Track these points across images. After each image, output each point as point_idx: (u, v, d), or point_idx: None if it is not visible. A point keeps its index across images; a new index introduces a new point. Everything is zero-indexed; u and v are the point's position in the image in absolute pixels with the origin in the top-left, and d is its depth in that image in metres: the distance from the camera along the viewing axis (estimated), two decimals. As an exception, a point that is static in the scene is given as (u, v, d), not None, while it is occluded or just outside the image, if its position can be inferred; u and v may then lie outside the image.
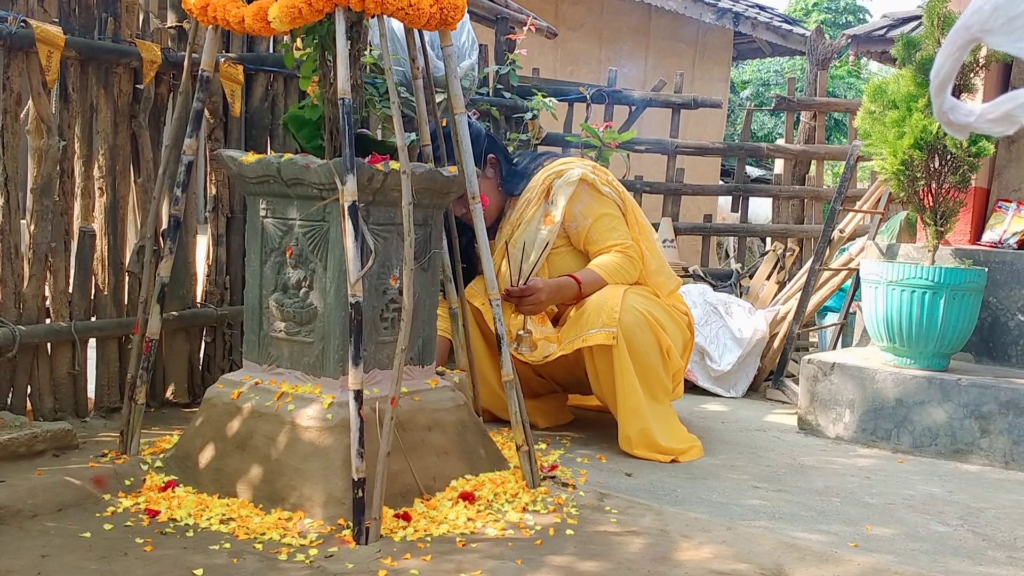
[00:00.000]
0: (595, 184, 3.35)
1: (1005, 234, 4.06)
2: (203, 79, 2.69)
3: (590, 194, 3.34)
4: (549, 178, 3.37)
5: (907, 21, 8.01)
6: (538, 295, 3.17)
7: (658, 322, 3.24)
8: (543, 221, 3.34)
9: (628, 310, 3.16)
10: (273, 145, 3.60)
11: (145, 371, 2.71)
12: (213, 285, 3.48)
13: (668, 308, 3.38)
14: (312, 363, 2.56)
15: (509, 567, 2.12)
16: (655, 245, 3.46)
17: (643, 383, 3.19)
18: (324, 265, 2.52)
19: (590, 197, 3.34)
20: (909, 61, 3.56)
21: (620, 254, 3.32)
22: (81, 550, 2.11)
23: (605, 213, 3.35)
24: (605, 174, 3.43)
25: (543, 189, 3.36)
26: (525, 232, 3.36)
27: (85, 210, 3.11)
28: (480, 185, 3.09)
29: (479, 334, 3.40)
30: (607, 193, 3.36)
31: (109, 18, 3.07)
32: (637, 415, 3.16)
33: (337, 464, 2.36)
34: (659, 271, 3.41)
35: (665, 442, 3.17)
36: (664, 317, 3.30)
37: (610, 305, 3.16)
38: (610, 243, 3.34)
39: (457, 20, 2.57)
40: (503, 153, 3.51)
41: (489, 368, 3.41)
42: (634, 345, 3.16)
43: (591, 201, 3.34)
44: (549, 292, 3.21)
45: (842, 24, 18.51)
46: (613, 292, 3.22)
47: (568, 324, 3.29)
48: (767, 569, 2.19)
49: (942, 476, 3.20)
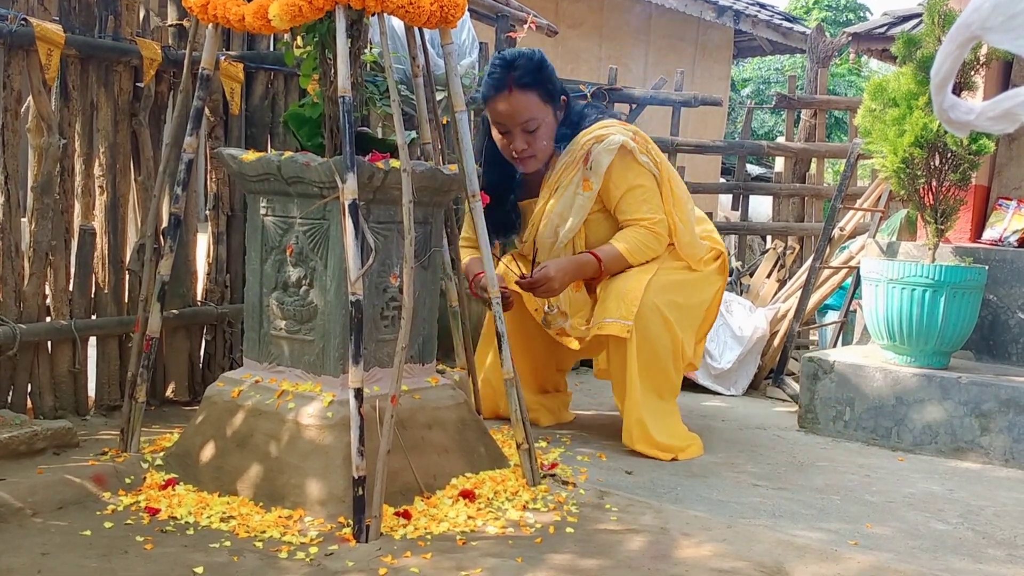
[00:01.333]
0: (634, 153, 3.20)
1: (1005, 232, 4.06)
2: (203, 77, 2.69)
3: (627, 163, 3.20)
4: (589, 142, 3.21)
5: (908, 19, 8.01)
6: (550, 283, 3.12)
7: (676, 319, 3.19)
8: (581, 186, 3.21)
9: (647, 305, 3.12)
10: (273, 143, 3.60)
11: (145, 369, 2.71)
12: (213, 283, 3.48)
13: (691, 286, 3.29)
14: (312, 361, 2.56)
15: (509, 565, 2.12)
16: (689, 216, 3.32)
17: (651, 380, 3.18)
18: (324, 263, 2.52)
19: (626, 166, 3.20)
20: (910, 59, 3.56)
21: (645, 230, 3.21)
22: (81, 548, 2.11)
23: (638, 184, 3.22)
24: (645, 141, 3.27)
25: (583, 153, 3.21)
26: (563, 197, 3.23)
27: (85, 208, 3.11)
28: (542, 126, 3.15)
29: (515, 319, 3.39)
30: (644, 163, 3.21)
31: (109, 16, 3.07)
32: (641, 411, 3.15)
33: (337, 462, 2.36)
34: (691, 243, 3.31)
35: (665, 439, 3.17)
36: (683, 306, 3.24)
37: (631, 296, 3.12)
38: (638, 216, 3.22)
39: (457, 18, 2.57)
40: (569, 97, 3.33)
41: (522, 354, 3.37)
42: (648, 341, 3.13)
43: (626, 170, 3.21)
44: (563, 274, 3.15)
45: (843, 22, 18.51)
46: (637, 280, 3.16)
47: (596, 306, 3.25)
48: (767, 567, 2.19)
49: (942, 474, 3.20)
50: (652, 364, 3.17)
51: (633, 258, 3.21)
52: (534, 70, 3.17)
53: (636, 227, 3.22)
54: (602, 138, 3.19)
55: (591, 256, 3.21)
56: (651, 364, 3.17)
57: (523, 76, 3.15)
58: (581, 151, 3.21)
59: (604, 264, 3.21)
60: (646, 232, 3.22)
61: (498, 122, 3.21)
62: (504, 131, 3.22)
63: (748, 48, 12.31)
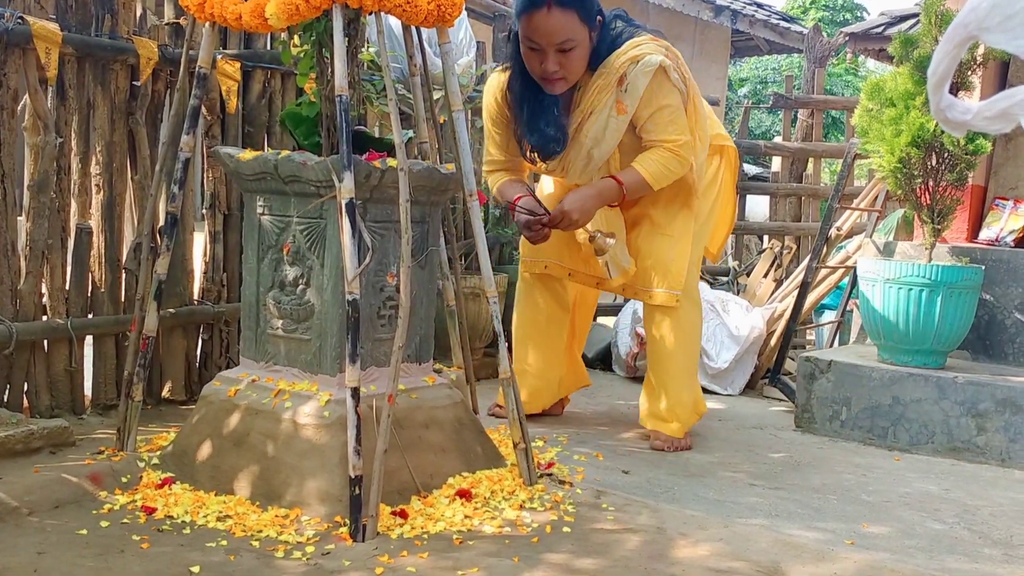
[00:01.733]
0: (667, 71, 3.07)
1: (1002, 232, 4.07)
2: (200, 76, 2.68)
3: (660, 83, 3.07)
4: (625, 64, 3.04)
5: (905, 19, 8.02)
6: (568, 217, 3.07)
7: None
8: (615, 109, 3.08)
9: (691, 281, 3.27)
10: (270, 142, 3.59)
11: (142, 368, 2.71)
12: (210, 282, 3.47)
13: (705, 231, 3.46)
14: (309, 360, 2.56)
15: (506, 564, 2.12)
16: (707, 129, 3.29)
17: (690, 354, 3.33)
18: (321, 262, 2.52)
19: (659, 86, 3.07)
20: (907, 59, 3.56)
21: (670, 153, 3.11)
22: (78, 547, 2.10)
23: (668, 104, 3.10)
24: (676, 57, 3.14)
25: (618, 75, 3.05)
26: (597, 121, 3.10)
27: (82, 207, 3.11)
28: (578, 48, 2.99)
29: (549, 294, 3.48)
30: (675, 80, 3.09)
31: (106, 14, 3.07)
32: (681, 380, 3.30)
33: (334, 461, 2.36)
34: (703, 166, 3.30)
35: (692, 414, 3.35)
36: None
37: (676, 268, 3.21)
38: (664, 137, 3.11)
39: (454, 17, 2.57)
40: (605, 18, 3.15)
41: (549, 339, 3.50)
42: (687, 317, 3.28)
43: (658, 90, 3.08)
44: (582, 205, 3.09)
45: (840, 22, 18.52)
46: (680, 255, 3.24)
47: (637, 274, 3.29)
48: (763, 567, 2.19)
49: (938, 474, 3.21)
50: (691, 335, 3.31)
51: (656, 182, 3.13)
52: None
53: (660, 149, 3.12)
54: (638, 59, 3.04)
55: (613, 181, 3.14)
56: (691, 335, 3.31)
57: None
58: (616, 73, 3.06)
59: (626, 189, 3.13)
60: (670, 156, 3.12)
61: (531, 40, 3.00)
62: (535, 49, 3.01)
63: (745, 48, 12.32)
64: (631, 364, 4.50)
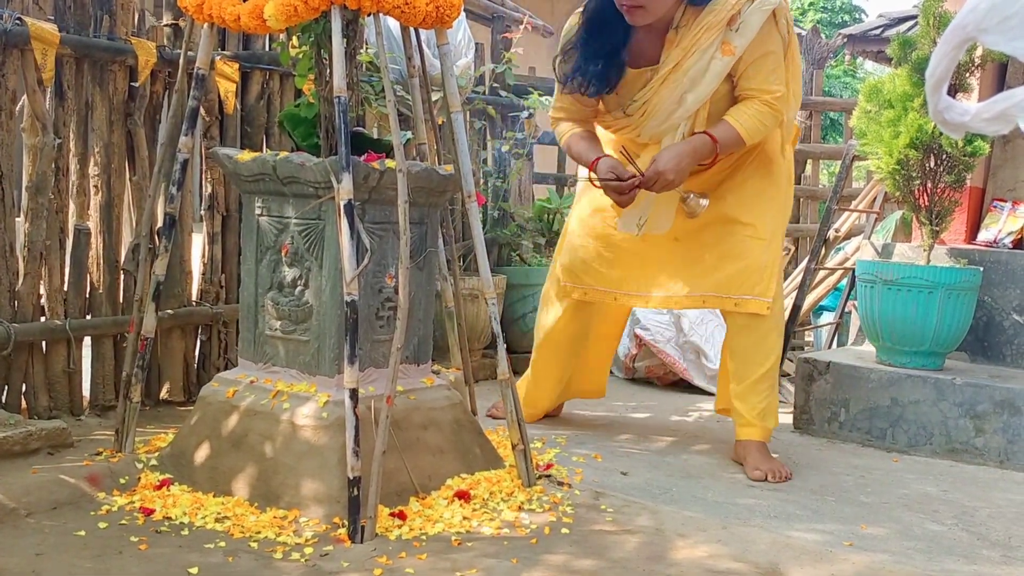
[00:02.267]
0: (779, 16, 2.87)
1: (1000, 234, 4.07)
2: (199, 77, 2.68)
3: (770, 27, 2.87)
4: (740, 1, 2.81)
5: (903, 20, 8.04)
6: (663, 177, 2.86)
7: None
8: (720, 50, 2.82)
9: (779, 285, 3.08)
10: (269, 143, 3.59)
11: (140, 369, 2.71)
12: (208, 283, 3.47)
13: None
14: (308, 361, 2.56)
15: (505, 566, 2.12)
16: (800, 85, 3.10)
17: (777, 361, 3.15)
18: (320, 263, 2.52)
19: (769, 31, 2.86)
20: (905, 60, 3.57)
21: (767, 107, 2.90)
22: (76, 549, 2.10)
23: (770, 51, 2.88)
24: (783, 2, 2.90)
25: (730, 14, 2.81)
26: (697, 61, 2.85)
27: (80, 208, 3.10)
28: None
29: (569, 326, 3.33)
30: (782, 27, 2.90)
31: (104, 16, 3.07)
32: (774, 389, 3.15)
33: (332, 463, 2.36)
34: (791, 121, 3.13)
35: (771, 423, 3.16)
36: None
37: (769, 272, 3.00)
38: (764, 87, 2.89)
39: (453, 18, 2.57)
40: None
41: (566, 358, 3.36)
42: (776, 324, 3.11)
43: (768, 35, 2.87)
44: (678, 164, 2.87)
45: (838, 23, 18.53)
46: (773, 255, 3.03)
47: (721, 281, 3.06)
48: (762, 568, 2.19)
49: (937, 475, 3.21)
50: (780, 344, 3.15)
51: (750, 137, 2.92)
52: None
53: (755, 101, 2.90)
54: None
55: (706, 137, 2.90)
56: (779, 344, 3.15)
57: None
58: (729, 11, 2.81)
59: (720, 146, 2.91)
60: (767, 110, 2.90)
61: None
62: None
63: (744, 49, 12.30)
64: (629, 366, 4.50)
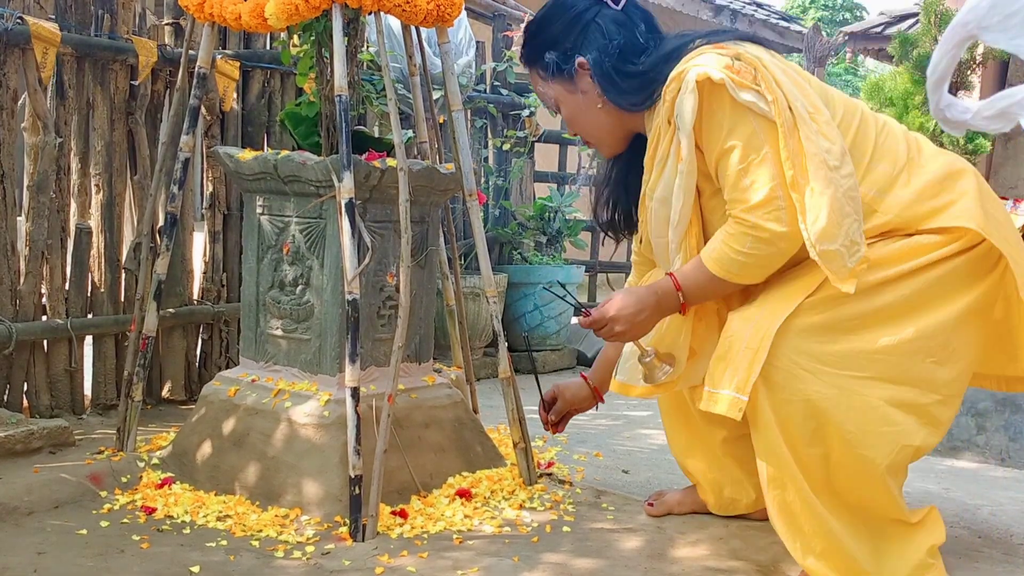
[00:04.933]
0: (727, 88, 1.94)
1: (1002, 231, 4.07)
2: (200, 76, 2.69)
3: (719, 108, 1.97)
4: (672, 88, 2.02)
5: (904, 18, 8.02)
6: (611, 325, 2.12)
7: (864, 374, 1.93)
8: (676, 155, 2.06)
9: (784, 365, 1.92)
10: (270, 142, 3.60)
11: (142, 368, 2.71)
12: (210, 282, 3.47)
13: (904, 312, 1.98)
14: (309, 360, 2.56)
15: (506, 564, 2.12)
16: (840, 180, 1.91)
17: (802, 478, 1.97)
18: (321, 262, 2.52)
19: (717, 113, 1.98)
20: (906, 58, 3.57)
21: (738, 224, 1.97)
22: (77, 547, 2.10)
23: (734, 144, 1.96)
24: (753, 66, 1.97)
25: (667, 109, 2.04)
26: (662, 176, 2.11)
27: (82, 207, 3.11)
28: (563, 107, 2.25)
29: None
30: (747, 102, 1.93)
31: (105, 15, 3.07)
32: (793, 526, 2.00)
33: (334, 461, 2.36)
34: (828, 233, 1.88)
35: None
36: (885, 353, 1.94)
37: (751, 348, 1.94)
38: (733, 196, 1.99)
39: (454, 17, 2.57)
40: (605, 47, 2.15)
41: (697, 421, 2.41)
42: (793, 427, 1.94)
43: (719, 120, 1.98)
44: (634, 315, 2.10)
45: (839, 21, 18.54)
46: (765, 320, 1.96)
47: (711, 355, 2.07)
48: (763, 566, 2.19)
49: (938, 473, 3.21)
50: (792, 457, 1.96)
51: (728, 273, 2.02)
52: (527, 39, 2.29)
53: (731, 221, 2.01)
54: (683, 75, 2.00)
55: (668, 279, 2.11)
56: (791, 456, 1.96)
57: (523, 48, 2.31)
58: (667, 105, 2.05)
59: (685, 291, 2.09)
60: (739, 230, 1.98)
61: None
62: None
63: (745, 47, 12.31)
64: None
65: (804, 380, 1.91)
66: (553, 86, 2.24)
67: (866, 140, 2.07)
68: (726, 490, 2.43)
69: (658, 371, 2.22)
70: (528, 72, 2.31)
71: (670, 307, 2.12)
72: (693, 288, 2.08)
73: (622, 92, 2.16)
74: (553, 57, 2.20)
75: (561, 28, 2.20)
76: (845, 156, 1.95)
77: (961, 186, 2.07)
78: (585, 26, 2.17)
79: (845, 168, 1.94)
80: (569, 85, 2.22)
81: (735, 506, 2.43)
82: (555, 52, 2.20)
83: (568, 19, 2.19)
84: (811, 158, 1.91)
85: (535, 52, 2.25)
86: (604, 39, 2.16)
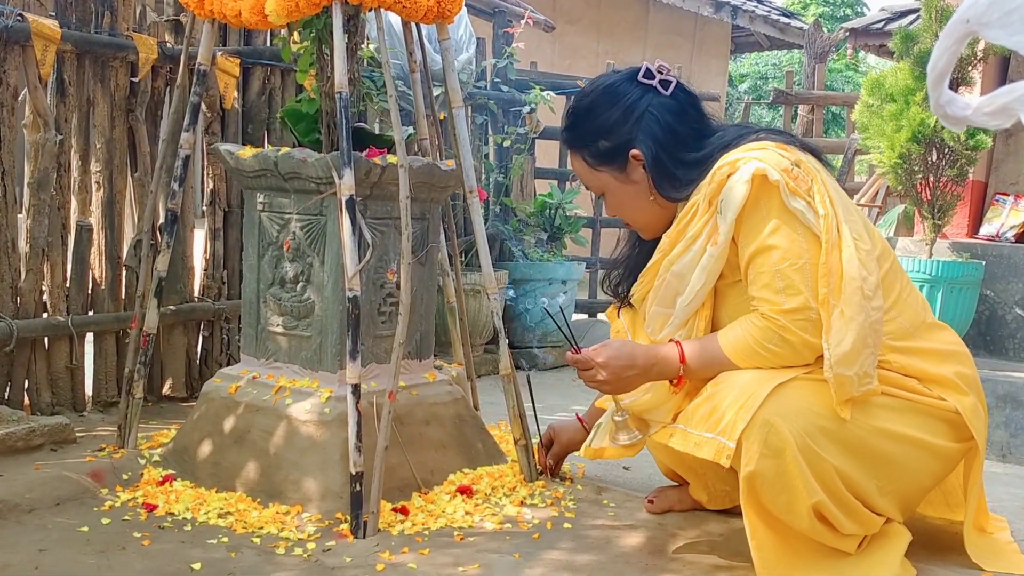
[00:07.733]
0: (780, 190, 1.98)
1: (1003, 227, 4.07)
2: (200, 73, 2.68)
3: (766, 206, 2.00)
4: (723, 174, 2.04)
5: (905, 14, 8.02)
6: (595, 372, 2.11)
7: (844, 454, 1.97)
8: (710, 239, 2.08)
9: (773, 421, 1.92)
10: (270, 139, 3.59)
11: (143, 365, 2.71)
12: (210, 279, 3.47)
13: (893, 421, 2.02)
14: (310, 357, 2.56)
15: (507, 560, 2.12)
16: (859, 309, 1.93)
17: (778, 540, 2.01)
18: (321, 259, 2.52)
19: (763, 210, 2.00)
20: (907, 54, 3.57)
21: (764, 320, 2.00)
22: (79, 544, 2.11)
23: (772, 246, 1.99)
24: (811, 176, 2.02)
25: (712, 190, 2.06)
26: (687, 251, 2.11)
27: (82, 204, 3.11)
28: (608, 195, 2.26)
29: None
30: (796, 210, 1.98)
31: (105, 12, 3.07)
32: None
33: (335, 458, 2.36)
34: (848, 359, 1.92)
35: None
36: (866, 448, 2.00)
37: (743, 398, 1.96)
38: (762, 296, 2.00)
39: (454, 13, 2.56)
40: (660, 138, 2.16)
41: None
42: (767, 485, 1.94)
43: (764, 216, 2.00)
44: (624, 370, 2.10)
45: (840, 17, 18.50)
46: (761, 376, 1.99)
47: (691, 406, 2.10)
48: (764, 562, 2.19)
49: (939, 469, 3.20)
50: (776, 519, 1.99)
51: (739, 358, 2.04)
52: (573, 123, 2.26)
53: (756, 315, 2.02)
54: (736, 166, 2.03)
55: (674, 347, 2.12)
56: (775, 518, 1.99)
57: (567, 131, 2.29)
58: (711, 186, 2.07)
59: (689, 364, 2.09)
60: (765, 325, 2.00)
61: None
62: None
63: (745, 43, 12.32)
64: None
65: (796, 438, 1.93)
66: (601, 175, 2.24)
67: (892, 286, 2.12)
68: (714, 483, 2.43)
69: (624, 434, 2.23)
70: (570, 155, 2.30)
71: (664, 374, 2.12)
72: (698, 365, 2.09)
73: (677, 185, 2.16)
74: (605, 146, 2.19)
75: (613, 117, 2.18)
76: (878, 289, 1.99)
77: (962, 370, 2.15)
78: (640, 116, 2.16)
79: (876, 300, 1.97)
80: (619, 175, 2.21)
81: (730, 497, 2.40)
82: (607, 141, 2.19)
83: (621, 108, 2.18)
84: (849, 282, 1.94)
85: (582, 139, 2.23)
86: (659, 129, 2.15)
